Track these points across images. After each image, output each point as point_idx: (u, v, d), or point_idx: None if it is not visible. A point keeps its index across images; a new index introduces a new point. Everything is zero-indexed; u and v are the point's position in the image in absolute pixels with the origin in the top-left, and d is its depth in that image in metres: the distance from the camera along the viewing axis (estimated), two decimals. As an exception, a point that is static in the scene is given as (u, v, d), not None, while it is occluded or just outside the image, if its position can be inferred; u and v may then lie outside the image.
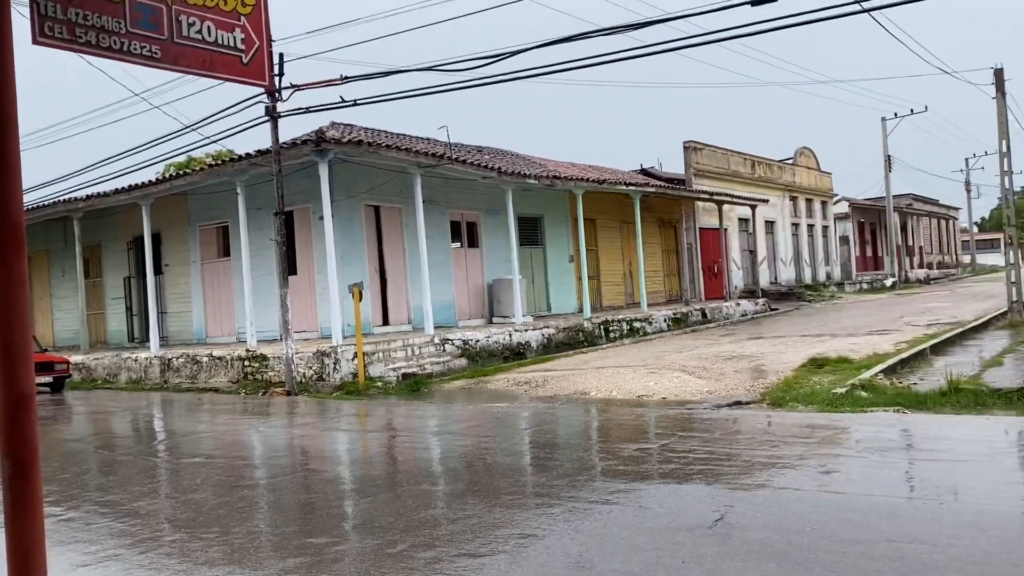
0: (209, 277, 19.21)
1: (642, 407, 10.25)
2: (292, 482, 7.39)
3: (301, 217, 16.90)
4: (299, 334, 16.22)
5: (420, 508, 5.87)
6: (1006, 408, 8.64)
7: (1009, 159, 17.79)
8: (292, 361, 13.90)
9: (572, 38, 11.27)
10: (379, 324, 16.95)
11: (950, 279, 48.08)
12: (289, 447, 9.60)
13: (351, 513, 6.10)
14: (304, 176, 15.67)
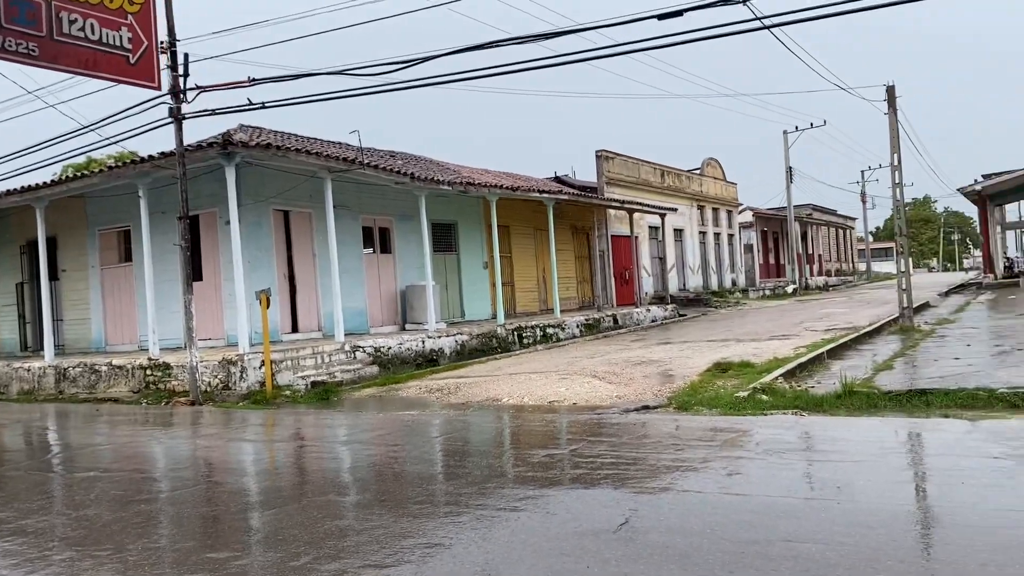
0: (109, 283, 18.46)
1: (553, 413, 10.35)
2: (193, 495, 7.15)
3: (207, 221, 16.43)
4: (205, 342, 15.76)
5: (326, 519, 5.77)
6: (896, 410, 9.07)
7: (900, 172, 18.70)
8: (196, 370, 13.48)
9: (484, 46, 11.32)
10: (288, 331, 16.61)
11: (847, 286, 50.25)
12: (191, 458, 9.29)
13: (255, 526, 5.95)
14: (211, 179, 15.24)
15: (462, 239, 22.05)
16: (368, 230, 18.98)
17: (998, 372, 10.48)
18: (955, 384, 9.64)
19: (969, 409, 8.72)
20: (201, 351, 14.18)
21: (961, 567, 4.17)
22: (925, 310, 23.82)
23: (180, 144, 13.84)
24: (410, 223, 19.33)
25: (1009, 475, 5.95)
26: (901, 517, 5.12)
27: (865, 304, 28.49)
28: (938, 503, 5.57)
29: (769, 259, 49.90)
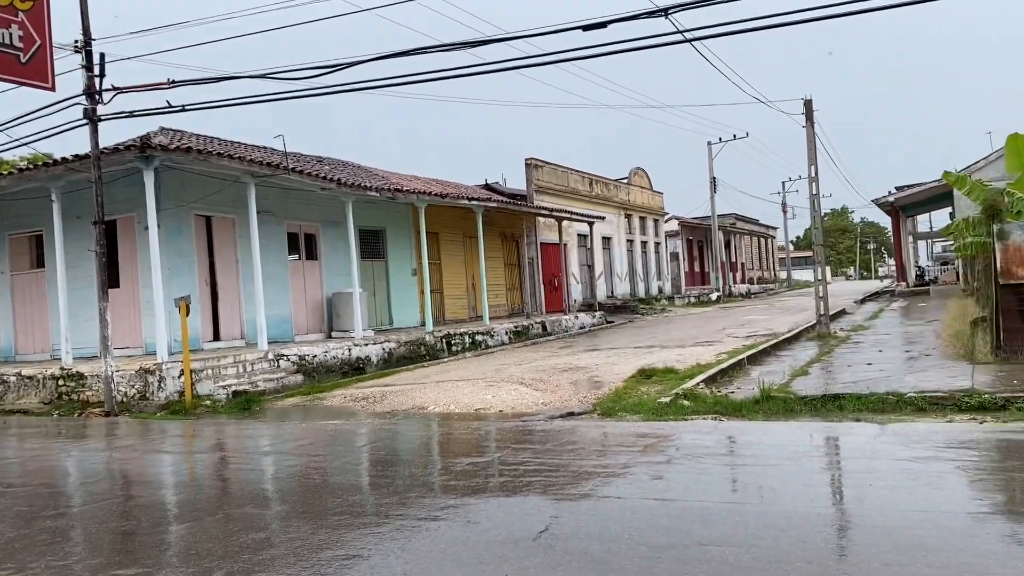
0: (20, 290, 17.71)
1: (479, 420, 10.34)
2: (105, 509, 6.90)
3: (125, 227, 15.93)
4: (122, 351, 15.27)
5: (243, 532, 5.64)
6: (811, 414, 9.37)
7: (817, 183, 19.33)
8: (112, 379, 13.04)
9: (411, 52, 11.28)
10: (210, 340, 16.21)
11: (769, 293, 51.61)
12: (104, 471, 8.97)
13: (168, 540, 5.78)
14: (129, 183, 14.78)
15: (390, 246, 21.88)
16: (294, 236, 18.67)
17: (907, 377, 10.91)
18: (867, 389, 9.99)
19: (879, 413, 9.06)
20: (117, 360, 13.73)
21: (866, 567, 4.31)
22: (841, 317, 24.65)
23: (96, 147, 13.40)
24: (337, 229, 19.09)
25: (914, 477, 6.19)
26: (812, 519, 5.27)
27: (785, 311, 29.31)
28: (847, 505, 5.77)
29: (694, 267, 50.94)
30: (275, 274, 17.45)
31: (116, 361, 13.49)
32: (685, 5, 9.88)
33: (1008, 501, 5.62)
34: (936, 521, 5.01)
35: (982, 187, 14.32)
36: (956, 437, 7.53)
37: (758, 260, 65.10)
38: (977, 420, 8.31)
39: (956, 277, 36.49)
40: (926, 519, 5.07)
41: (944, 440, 7.41)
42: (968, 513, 5.23)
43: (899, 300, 32.35)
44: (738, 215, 56.73)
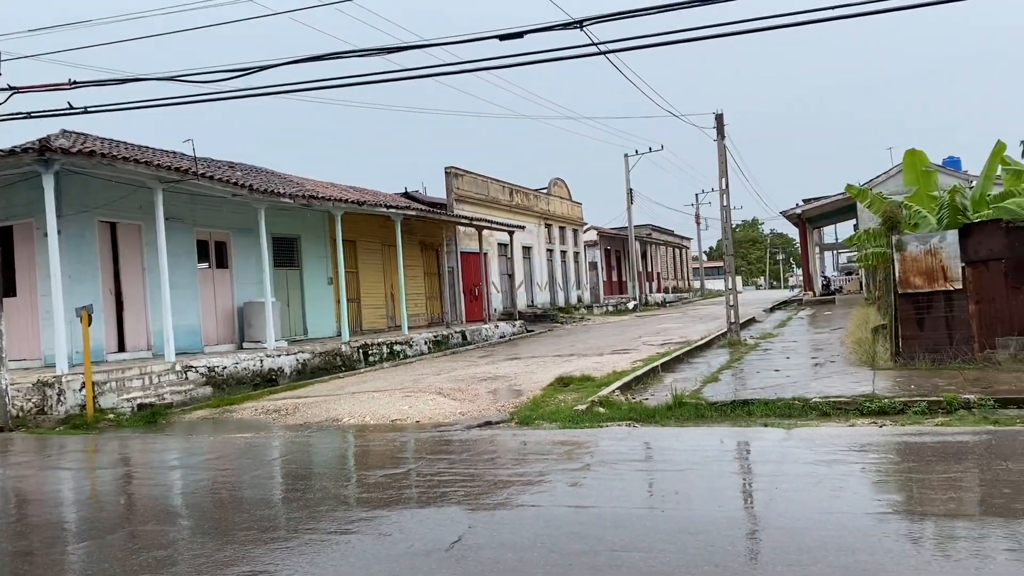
0: (-96, 299, 16.67)
1: (395, 432, 10.21)
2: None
3: (23, 233, 15.19)
4: (18, 363, 14.56)
5: (146, 550, 5.41)
6: (721, 419, 9.59)
7: (728, 196, 19.88)
8: (7, 393, 12.37)
9: (325, 57, 11.11)
10: (114, 351, 15.58)
11: (683, 302, 52.78)
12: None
13: (66, 560, 5.49)
14: (27, 188, 14.12)
15: (305, 254, 21.48)
16: (203, 244, 18.14)
17: (812, 383, 11.28)
18: (775, 395, 10.29)
19: (787, 418, 9.33)
20: (13, 373, 13.06)
21: (771, 569, 4.41)
22: (751, 325, 25.38)
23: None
24: (249, 237, 18.63)
25: (818, 479, 6.38)
26: (721, 523, 5.37)
27: (698, 319, 30.00)
28: (755, 508, 5.90)
29: (612, 276, 51.72)
30: (183, 283, 16.92)
31: (12, 374, 12.83)
32: (601, 18, 10.01)
33: (905, 501, 5.84)
34: (838, 522, 5.17)
35: (882, 200, 14.98)
36: (858, 440, 7.81)
37: (673, 270, 66.55)
38: (877, 424, 8.64)
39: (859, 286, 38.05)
40: (829, 520, 5.23)
41: (847, 443, 7.68)
42: (868, 514, 5.41)
43: (806, 309, 33.51)
44: (654, 226, 57.88)
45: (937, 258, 11.98)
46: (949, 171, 28.25)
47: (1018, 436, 7.50)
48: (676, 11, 9.99)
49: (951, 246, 11.95)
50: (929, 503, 5.65)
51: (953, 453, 7.09)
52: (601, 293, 47.50)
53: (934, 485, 6.07)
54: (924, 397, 9.38)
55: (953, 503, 5.63)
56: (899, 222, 12.64)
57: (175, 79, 11.83)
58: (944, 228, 13.03)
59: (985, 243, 11.89)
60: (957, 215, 13.37)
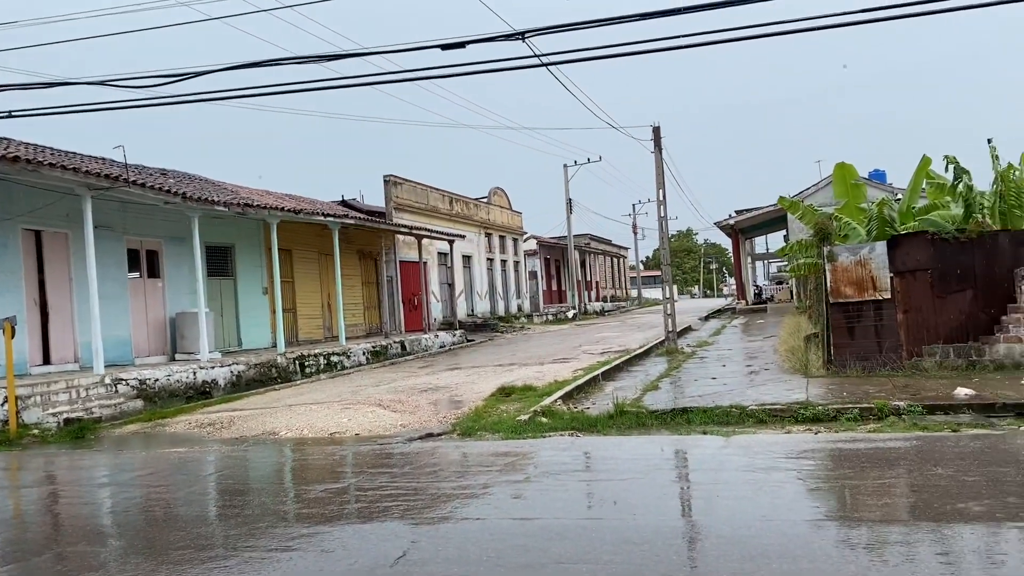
0: None
1: (335, 445, 10.05)
2: (-92, 557, 6.19)
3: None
4: (-67, 377, 13.86)
5: (75, 572, 5.20)
6: (662, 428, 9.70)
7: (665, 206, 20.18)
8: (-79, 410, 11.79)
9: (263, 63, 10.91)
10: (39, 363, 14.99)
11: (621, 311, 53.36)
12: (-90, 514, 8.06)
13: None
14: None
15: (240, 263, 21.04)
16: (134, 253, 17.62)
17: (748, 391, 11.49)
18: (712, 403, 10.45)
19: (725, 425, 9.49)
20: (-72, 388, 12.45)
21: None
22: (688, 333, 25.78)
23: (-96, 152, 12.16)
24: (182, 246, 18.17)
25: (758, 487, 6.49)
26: (665, 532, 5.41)
27: (636, 328, 30.35)
28: (697, 516, 5.97)
29: (552, 285, 51.99)
30: (113, 293, 16.39)
31: (-73, 389, 12.23)
32: (542, 30, 10.07)
33: (842, 508, 5.98)
34: (779, 529, 5.26)
35: (813, 212, 15.40)
36: (794, 447, 7.97)
37: (611, 279, 67.24)
38: (812, 431, 8.85)
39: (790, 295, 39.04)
40: (770, 528, 5.31)
41: (784, 451, 7.83)
42: (807, 520, 5.52)
43: (740, 317, 34.22)
44: (593, 235, 58.41)
45: (867, 268, 12.35)
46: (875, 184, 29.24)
47: (946, 442, 7.75)
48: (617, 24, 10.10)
49: (880, 257, 12.34)
50: (865, 509, 5.79)
51: (886, 459, 7.29)
52: (541, 302, 47.70)
53: (869, 491, 6.23)
54: (856, 404, 9.65)
55: (888, 508, 5.78)
56: (830, 233, 13.00)
57: (106, 84, 11.47)
58: (873, 239, 13.44)
59: (912, 254, 12.31)
60: (885, 227, 13.82)
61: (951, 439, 7.86)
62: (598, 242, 60.61)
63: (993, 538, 4.84)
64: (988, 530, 4.97)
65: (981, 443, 7.58)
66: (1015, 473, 6.43)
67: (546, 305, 47.88)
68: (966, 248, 12.19)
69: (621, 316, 45.69)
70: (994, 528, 5.00)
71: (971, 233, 12.26)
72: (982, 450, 7.28)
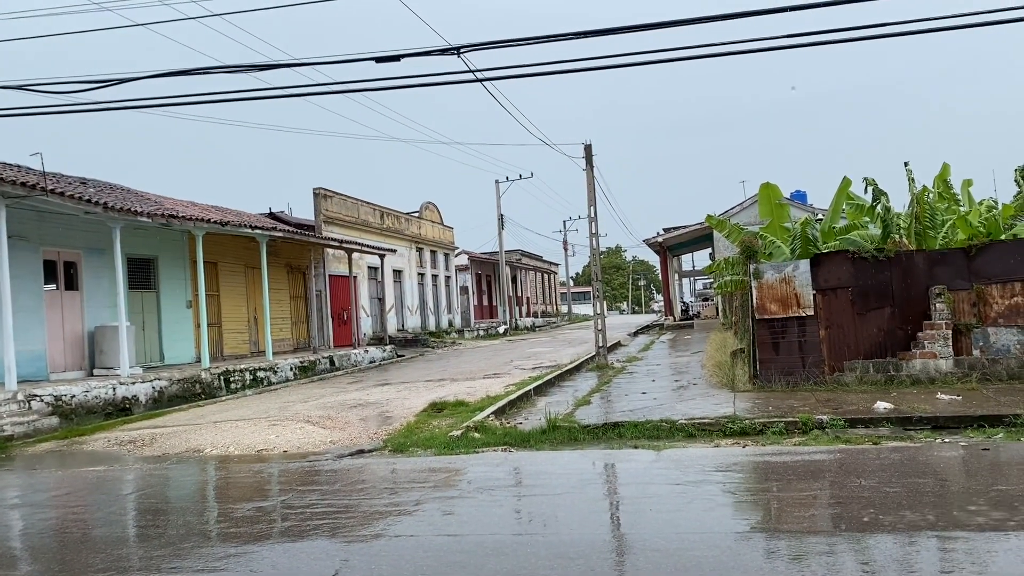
0: None
1: (262, 462, 9.81)
2: None
3: None
4: None
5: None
6: (594, 442, 9.76)
7: (596, 223, 20.41)
8: None
9: (190, 72, 10.66)
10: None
11: (552, 326, 53.66)
12: None
13: None
14: None
15: (163, 276, 20.42)
16: (51, 264, 16.93)
17: (678, 405, 11.67)
18: (643, 417, 10.57)
19: (655, 439, 9.61)
20: None
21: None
22: (617, 349, 26.08)
23: None
24: (102, 257, 17.55)
25: (689, 500, 6.58)
26: (599, 546, 5.44)
27: (567, 343, 30.56)
28: (631, 530, 6.01)
29: (483, 300, 51.99)
30: (28, 305, 15.71)
31: None
32: (478, 46, 10.10)
33: (769, 519, 6.10)
34: (711, 542, 5.33)
35: (739, 230, 15.77)
36: (723, 461, 8.12)
37: (542, 294, 67.62)
38: (740, 444, 9.02)
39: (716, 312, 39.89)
40: (701, 540, 5.38)
41: (713, 464, 7.97)
42: (738, 532, 5.62)
43: (668, 333, 34.80)
44: (524, 251, 58.71)
45: (791, 286, 12.71)
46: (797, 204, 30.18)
47: (867, 454, 8.00)
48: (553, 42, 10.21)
49: (803, 275, 12.72)
50: (793, 520, 5.92)
51: (811, 471, 7.49)
52: (472, 317, 47.64)
53: (796, 503, 6.38)
54: (781, 418, 9.89)
55: (814, 520, 5.93)
56: (756, 251, 13.35)
57: (25, 88, 11.04)
58: (797, 258, 13.85)
59: (834, 272, 12.73)
60: (808, 246, 14.25)
61: (872, 452, 8.12)
62: (529, 258, 60.94)
63: (913, 547, 5.01)
64: (909, 539, 5.14)
65: (900, 455, 7.85)
66: (933, 484, 6.68)
67: (477, 320, 47.83)
68: (884, 267, 12.66)
69: (552, 332, 45.94)
70: (915, 537, 5.18)
71: (889, 252, 12.74)
72: (902, 462, 7.54)
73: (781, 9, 9.44)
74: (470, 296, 48.59)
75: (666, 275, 45.55)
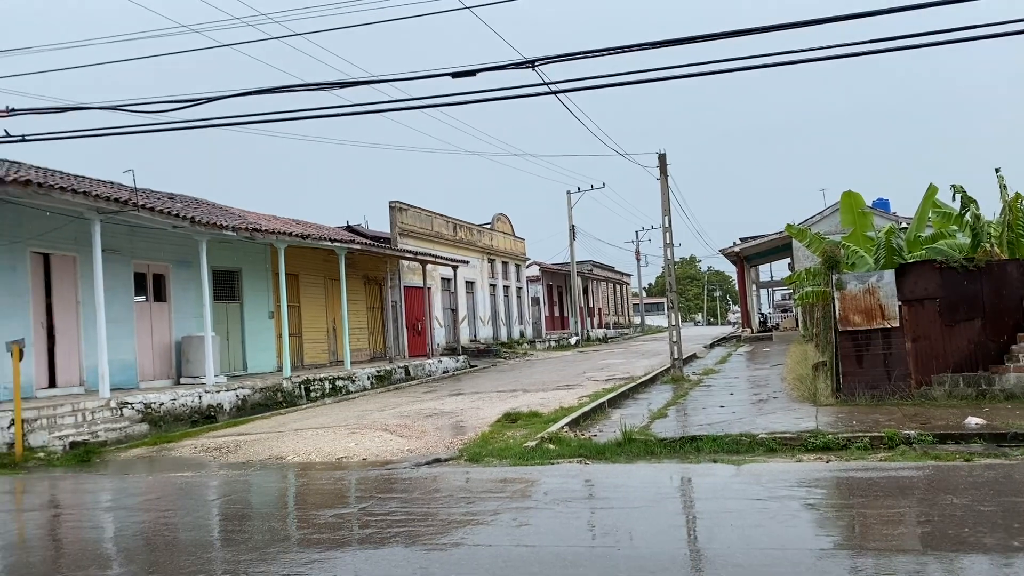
0: None
1: (342, 470, 10.00)
2: (-85, 580, 6.15)
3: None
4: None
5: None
6: (671, 456, 9.63)
7: (670, 233, 20.21)
8: (-73, 432, 11.76)
9: (274, 90, 11.01)
10: (45, 386, 14.97)
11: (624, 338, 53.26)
12: (-85, 537, 8.01)
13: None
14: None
15: (247, 287, 21.08)
16: (141, 276, 17.66)
17: (758, 419, 11.44)
18: (721, 431, 10.39)
19: (734, 454, 9.43)
20: (-66, 410, 12.42)
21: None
22: (693, 361, 25.71)
23: (-83, 175, 12.24)
24: (189, 270, 18.23)
25: (771, 515, 6.44)
26: (679, 561, 5.37)
27: (641, 355, 30.28)
28: (710, 545, 5.91)
29: (554, 312, 51.95)
30: (120, 316, 16.41)
31: (-67, 411, 12.20)
32: (552, 59, 10.16)
33: (855, 536, 5.93)
34: (793, 558, 5.21)
35: (821, 240, 15.41)
36: (806, 476, 7.92)
37: (614, 306, 67.19)
38: (823, 459, 8.79)
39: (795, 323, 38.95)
40: (784, 556, 5.26)
41: (795, 479, 7.78)
42: (821, 549, 5.47)
43: (745, 345, 34.13)
44: (595, 262, 58.48)
45: (875, 296, 12.34)
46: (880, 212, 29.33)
47: (959, 471, 7.70)
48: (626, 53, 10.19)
49: (888, 285, 12.33)
50: (880, 538, 5.74)
51: (899, 488, 7.24)
52: (543, 328, 47.64)
53: (883, 520, 6.18)
54: (866, 433, 9.60)
55: (902, 538, 5.73)
56: (839, 261, 13.01)
57: (118, 108, 11.57)
58: (881, 268, 13.44)
59: (920, 283, 12.31)
60: (893, 255, 13.82)
61: (964, 468, 7.81)
62: (601, 269, 60.66)
63: (1011, 568, 4.80)
64: (1006, 560, 4.93)
65: (995, 472, 7.53)
66: (1030, 503, 6.38)
67: (548, 331, 47.81)
68: (974, 277, 12.18)
69: (624, 343, 45.59)
70: (1012, 559, 4.96)
71: (979, 262, 12.26)
72: (996, 479, 7.23)
73: (868, 13, 9.21)
74: (541, 307, 48.62)
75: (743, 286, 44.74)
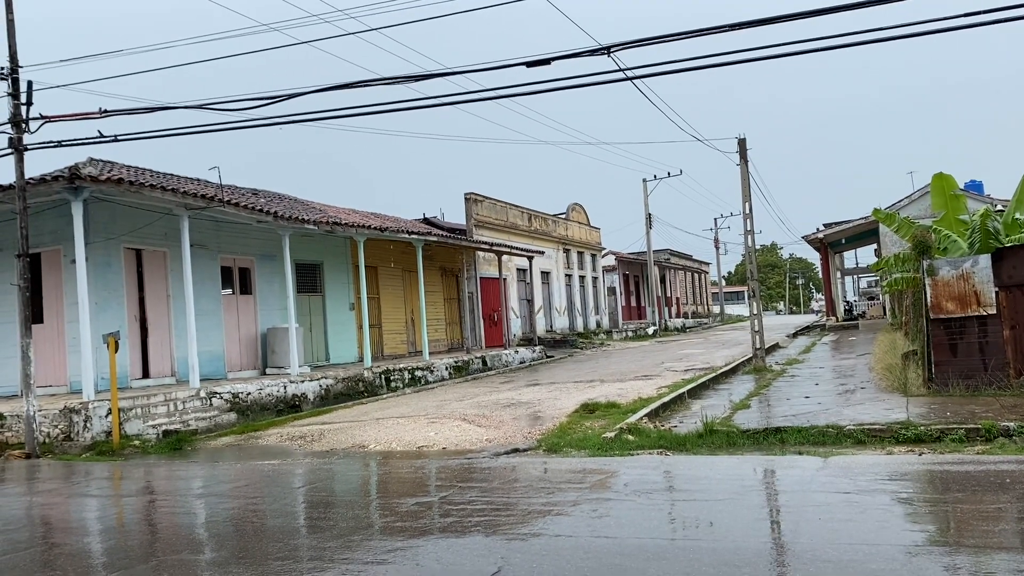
0: (-68, 326, 16.80)
1: (422, 458, 10.13)
2: (27, 559, 6.48)
3: (51, 260, 15.32)
4: (45, 389, 14.61)
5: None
6: (753, 447, 9.43)
7: (751, 219, 19.76)
8: (34, 419, 12.40)
9: (351, 85, 11.18)
10: (139, 377, 15.62)
11: (703, 327, 52.43)
12: (26, 518, 8.46)
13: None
14: (56, 215, 14.28)
15: (328, 280, 21.54)
16: (227, 270, 18.23)
17: (845, 410, 11.09)
18: (807, 422, 10.12)
19: (820, 446, 9.17)
20: (40, 399, 13.09)
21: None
22: (776, 351, 25.12)
23: (21, 176, 12.87)
24: (272, 263, 18.72)
25: (860, 510, 6.23)
26: (765, 555, 5.24)
27: (720, 345, 29.76)
28: (797, 539, 5.75)
29: (631, 301, 51.51)
30: (208, 309, 16.98)
31: (39, 400, 12.86)
32: (627, 44, 10.03)
33: (949, 532, 5.69)
34: (885, 554, 5.03)
35: (910, 225, 14.82)
36: (897, 469, 7.65)
37: (692, 294, 66.22)
38: (915, 452, 8.47)
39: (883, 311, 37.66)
40: (875, 552, 5.09)
41: (886, 472, 7.52)
42: (915, 545, 5.27)
43: (830, 334, 33.18)
44: (672, 250, 57.71)
45: (969, 283, 11.81)
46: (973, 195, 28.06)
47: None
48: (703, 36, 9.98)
49: (984, 271, 11.78)
50: (977, 535, 5.49)
51: (996, 482, 6.92)
52: (620, 318, 47.30)
53: (982, 516, 5.91)
54: (961, 424, 9.20)
55: (1001, 535, 5.47)
56: (930, 246, 12.50)
57: (204, 107, 11.93)
58: (976, 252, 12.85)
59: (1020, 268, 11.71)
60: (989, 239, 13.19)
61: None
62: (678, 257, 59.84)
63: (1126, 570, 4.53)
64: (1120, 561, 4.65)
65: (1103, 468, 7.12)
66: None
67: (625, 321, 47.44)
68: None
69: (703, 333, 44.90)
70: None
71: (1084, 245, 11.59)
72: (1105, 475, 6.84)
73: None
74: (618, 297, 48.26)
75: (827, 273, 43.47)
